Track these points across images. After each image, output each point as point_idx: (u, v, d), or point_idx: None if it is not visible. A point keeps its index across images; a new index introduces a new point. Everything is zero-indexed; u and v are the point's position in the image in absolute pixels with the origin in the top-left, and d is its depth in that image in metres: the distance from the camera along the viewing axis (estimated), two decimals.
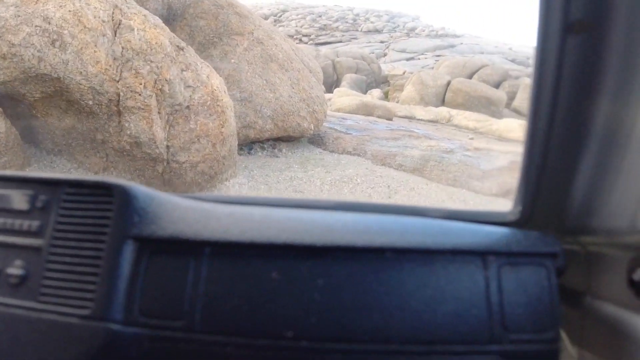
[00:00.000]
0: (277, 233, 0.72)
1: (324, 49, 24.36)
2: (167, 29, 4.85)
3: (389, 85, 19.31)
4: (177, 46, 4.79)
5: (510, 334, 0.69)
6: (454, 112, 12.55)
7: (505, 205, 0.85)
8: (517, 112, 16.27)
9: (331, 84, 18.37)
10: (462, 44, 33.65)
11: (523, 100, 16.56)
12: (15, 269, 0.73)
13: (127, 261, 0.71)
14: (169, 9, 6.45)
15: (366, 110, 11.13)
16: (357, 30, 44.23)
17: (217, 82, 5.03)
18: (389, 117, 11.05)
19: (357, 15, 48.59)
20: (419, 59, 28.77)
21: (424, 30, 42.63)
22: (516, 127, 10.66)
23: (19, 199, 0.76)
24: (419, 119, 12.18)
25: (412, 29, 43.47)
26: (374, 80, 20.68)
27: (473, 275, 0.71)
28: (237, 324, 0.69)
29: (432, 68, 20.83)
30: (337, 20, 46.32)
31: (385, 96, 17.82)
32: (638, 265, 0.59)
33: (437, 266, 0.71)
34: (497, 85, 17.37)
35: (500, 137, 10.68)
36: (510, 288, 0.70)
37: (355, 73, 19.97)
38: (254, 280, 0.70)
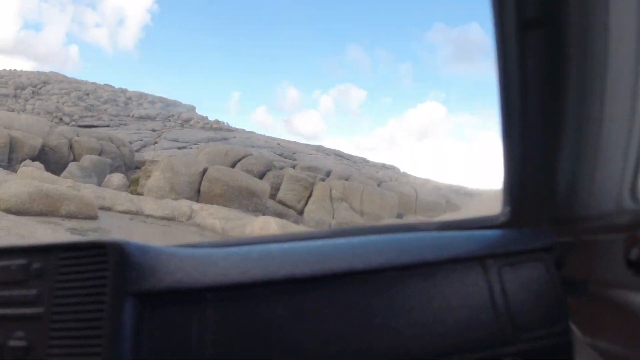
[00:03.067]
0: (277, 268, 0.69)
1: (62, 127, 19.26)
2: None
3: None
4: None
5: (521, 334, 0.66)
6: (197, 206, 9.44)
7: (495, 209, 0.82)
8: (283, 204, 14.35)
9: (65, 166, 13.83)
10: (234, 137, 33.78)
11: (288, 191, 14.73)
12: (17, 341, 0.68)
13: (130, 318, 0.66)
14: None
15: (48, 203, 6.98)
16: (128, 116, 40.32)
17: None
18: (88, 213, 7.19)
19: (130, 98, 44.89)
20: (191, 148, 26.32)
21: (198, 122, 42.03)
22: (274, 228, 8.06)
23: (12, 270, 0.71)
24: (147, 215, 8.67)
25: (187, 120, 42.24)
26: (123, 164, 16.69)
27: (475, 281, 0.69)
28: None
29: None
30: (106, 102, 41.82)
31: (133, 183, 14.04)
32: (633, 245, 0.56)
33: (439, 277, 0.69)
34: (261, 176, 15.26)
35: None
36: (513, 288, 0.68)
37: (100, 155, 15.69)
38: (261, 320, 0.67)
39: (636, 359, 0.58)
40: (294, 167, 19.25)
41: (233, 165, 15.62)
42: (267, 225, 8.30)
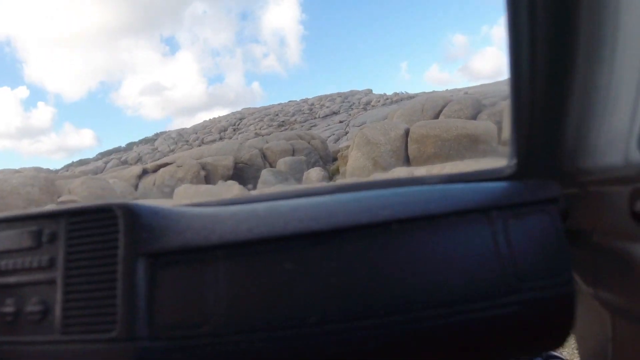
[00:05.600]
0: (283, 225, 0.68)
1: (251, 140, 18.67)
2: None
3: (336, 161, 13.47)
4: None
5: (525, 283, 0.65)
6: (419, 173, 6.37)
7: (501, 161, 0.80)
8: None
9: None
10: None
11: None
12: (33, 306, 0.68)
13: (143, 278, 0.66)
14: None
15: None
16: (315, 118, 41.28)
17: None
18: None
19: (312, 104, 46.30)
20: None
21: (379, 101, 40.87)
22: None
23: (25, 237, 0.71)
24: None
25: (367, 103, 41.33)
26: (319, 158, 14.92)
27: (480, 232, 0.67)
28: (260, 319, 0.66)
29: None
30: (293, 114, 43.82)
31: (334, 174, 12.00)
32: (638, 197, 0.55)
33: (444, 230, 0.68)
34: (473, 119, 11.51)
35: None
36: (518, 239, 0.67)
37: (293, 155, 14.21)
38: (269, 274, 0.67)
39: (637, 310, 0.59)
40: (504, 99, 14.81)
41: (435, 118, 12.26)
42: None
